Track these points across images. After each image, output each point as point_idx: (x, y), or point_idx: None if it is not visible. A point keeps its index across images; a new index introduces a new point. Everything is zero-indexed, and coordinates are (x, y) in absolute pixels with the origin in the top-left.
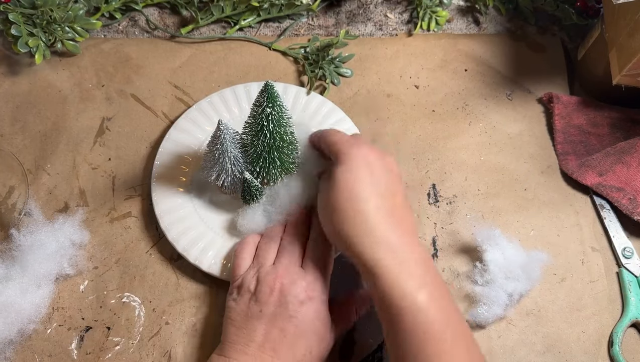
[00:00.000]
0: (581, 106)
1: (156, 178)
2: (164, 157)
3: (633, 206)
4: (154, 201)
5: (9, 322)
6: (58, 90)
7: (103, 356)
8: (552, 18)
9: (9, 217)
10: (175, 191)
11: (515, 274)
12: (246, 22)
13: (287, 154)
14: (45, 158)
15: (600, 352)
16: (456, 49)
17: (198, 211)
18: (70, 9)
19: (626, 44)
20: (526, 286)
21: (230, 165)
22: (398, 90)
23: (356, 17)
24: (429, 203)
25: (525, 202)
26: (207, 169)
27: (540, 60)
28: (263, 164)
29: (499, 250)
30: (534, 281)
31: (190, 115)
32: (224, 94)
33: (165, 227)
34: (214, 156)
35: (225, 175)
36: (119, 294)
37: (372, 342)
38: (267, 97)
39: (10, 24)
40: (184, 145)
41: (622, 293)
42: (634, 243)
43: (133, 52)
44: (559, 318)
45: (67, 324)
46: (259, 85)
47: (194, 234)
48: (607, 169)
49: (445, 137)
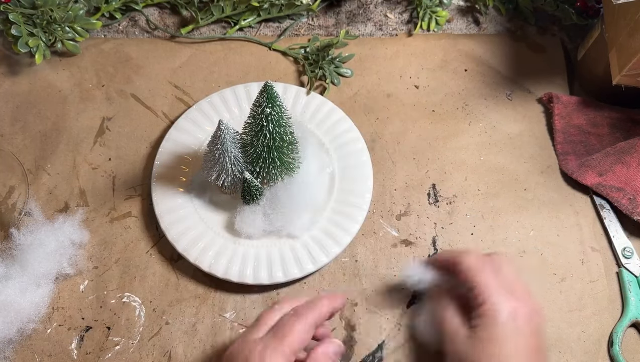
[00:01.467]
0: (581, 106)
1: (156, 178)
2: (164, 157)
3: (633, 206)
4: (154, 201)
5: (8, 322)
6: (58, 90)
7: (103, 356)
8: (552, 18)
9: (9, 217)
10: (175, 190)
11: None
12: (246, 22)
13: (287, 154)
14: (45, 158)
15: (600, 352)
16: (456, 49)
17: (198, 211)
18: (70, 9)
19: (626, 44)
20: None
21: (231, 165)
22: (398, 90)
23: (356, 17)
24: (429, 203)
25: (525, 202)
26: (207, 169)
27: (540, 60)
28: (263, 164)
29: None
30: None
31: (191, 116)
32: (224, 94)
33: (165, 227)
34: (214, 156)
35: (226, 175)
36: (119, 294)
37: (372, 342)
38: (266, 97)
39: (10, 24)
40: (184, 145)
41: (622, 293)
42: (633, 243)
43: (133, 52)
44: (559, 318)
45: (67, 324)
46: (259, 86)
47: (194, 234)
48: (607, 169)
49: (445, 137)
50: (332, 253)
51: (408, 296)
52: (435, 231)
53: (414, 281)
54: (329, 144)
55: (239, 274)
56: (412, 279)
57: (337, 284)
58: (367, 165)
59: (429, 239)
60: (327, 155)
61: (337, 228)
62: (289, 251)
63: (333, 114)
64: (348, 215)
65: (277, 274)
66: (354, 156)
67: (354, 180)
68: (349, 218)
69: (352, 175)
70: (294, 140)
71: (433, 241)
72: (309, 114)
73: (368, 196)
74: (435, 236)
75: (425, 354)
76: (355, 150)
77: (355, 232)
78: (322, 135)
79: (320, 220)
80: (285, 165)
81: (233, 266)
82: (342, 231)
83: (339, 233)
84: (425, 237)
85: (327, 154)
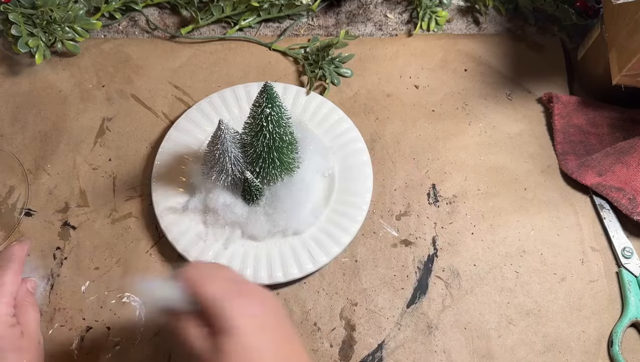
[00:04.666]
0: (581, 106)
1: (156, 178)
2: (164, 157)
3: (633, 206)
4: (154, 201)
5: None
6: (58, 90)
7: (103, 356)
8: (552, 18)
9: (9, 217)
10: (176, 190)
11: None
12: (246, 22)
13: (287, 154)
14: (46, 158)
15: (600, 352)
16: (456, 49)
17: (198, 211)
18: (70, 9)
19: (626, 44)
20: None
21: (231, 165)
22: (398, 90)
23: (356, 17)
24: (429, 203)
25: (525, 202)
26: (208, 169)
27: (540, 60)
28: (263, 164)
29: None
30: None
31: (191, 116)
32: (224, 94)
33: (165, 227)
34: (214, 156)
35: (226, 175)
36: (119, 294)
37: (372, 342)
38: (266, 97)
39: (10, 24)
40: (184, 145)
41: (622, 293)
42: (633, 243)
43: (133, 52)
44: (559, 318)
45: (68, 325)
46: (258, 86)
47: (193, 234)
48: (607, 169)
49: (445, 137)
50: (332, 253)
51: (408, 296)
52: (435, 230)
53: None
54: (328, 143)
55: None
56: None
57: (337, 284)
58: (367, 165)
59: (429, 239)
60: (327, 155)
61: (337, 228)
62: (289, 251)
63: (333, 114)
64: (348, 215)
65: (277, 274)
66: (353, 156)
67: (353, 180)
68: (348, 218)
69: (352, 175)
70: (294, 140)
71: (433, 241)
72: (309, 114)
73: (368, 196)
74: (435, 235)
75: (425, 354)
76: (355, 150)
77: (355, 232)
78: (322, 135)
79: (321, 218)
80: (285, 165)
81: (233, 266)
82: (341, 231)
83: (339, 233)
84: (425, 237)
85: (327, 154)
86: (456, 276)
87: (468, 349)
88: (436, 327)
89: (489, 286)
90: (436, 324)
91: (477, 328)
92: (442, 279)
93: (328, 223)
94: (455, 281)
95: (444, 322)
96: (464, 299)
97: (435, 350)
